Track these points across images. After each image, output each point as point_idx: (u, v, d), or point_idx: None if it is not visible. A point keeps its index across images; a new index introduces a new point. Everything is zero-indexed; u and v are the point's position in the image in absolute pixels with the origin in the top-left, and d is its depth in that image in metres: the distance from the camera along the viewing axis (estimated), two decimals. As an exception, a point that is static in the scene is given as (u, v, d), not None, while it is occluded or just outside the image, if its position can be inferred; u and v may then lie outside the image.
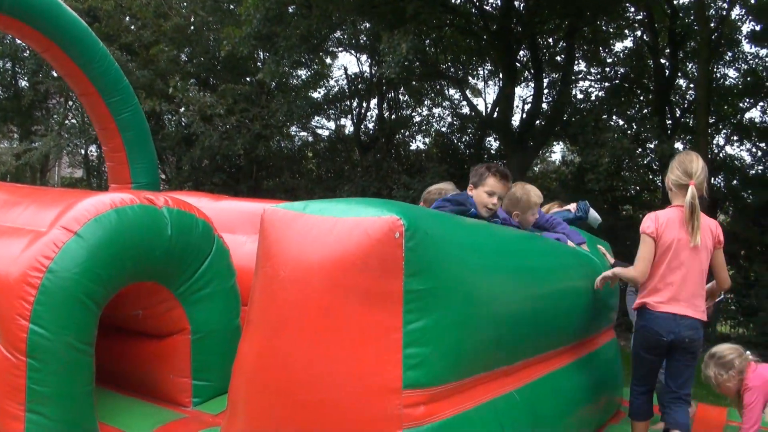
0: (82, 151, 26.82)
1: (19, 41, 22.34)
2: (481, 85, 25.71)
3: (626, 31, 22.17)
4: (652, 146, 19.02)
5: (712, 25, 18.85)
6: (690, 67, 21.19)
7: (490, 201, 5.09)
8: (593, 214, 7.10)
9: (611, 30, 21.97)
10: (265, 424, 3.23)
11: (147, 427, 4.99)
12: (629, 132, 19.47)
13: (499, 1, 20.35)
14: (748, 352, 5.54)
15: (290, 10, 19.00)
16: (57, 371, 4.53)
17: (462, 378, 3.39)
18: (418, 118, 25.84)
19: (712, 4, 19.55)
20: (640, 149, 19.47)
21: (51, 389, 4.52)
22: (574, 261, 5.40)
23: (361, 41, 22.22)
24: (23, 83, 26.50)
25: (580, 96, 22.39)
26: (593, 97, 22.04)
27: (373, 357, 3.03)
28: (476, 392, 3.56)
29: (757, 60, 20.57)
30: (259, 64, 22.46)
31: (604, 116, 20.14)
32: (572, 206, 7.05)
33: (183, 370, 5.60)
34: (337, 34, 22.02)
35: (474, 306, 3.44)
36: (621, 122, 20.86)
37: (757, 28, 19.32)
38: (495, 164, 5.61)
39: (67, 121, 25.23)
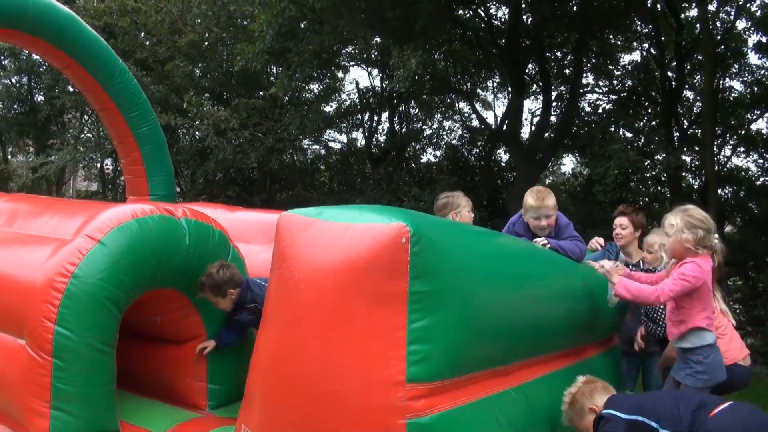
0: (98, 165, 26.96)
1: (35, 57, 22.62)
2: (490, 97, 25.91)
3: (634, 44, 22.33)
4: (660, 158, 19.17)
5: (718, 37, 19.04)
6: (696, 79, 21.27)
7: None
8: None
9: (618, 43, 22.13)
10: (278, 414, 3.44)
11: (165, 425, 5.20)
12: (636, 144, 19.62)
13: (506, 16, 20.56)
14: None
15: (302, 26, 19.25)
16: (80, 371, 4.74)
17: (461, 374, 3.59)
18: (428, 131, 25.95)
19: (718, 17, 19.73)
20: (648, 161, 19.62)
21: (75, 388, 4.73)
22: (568, 270, 5.55)
23: (372, 56, 22.38)
24: (39, 98, 26.68)
25: (588, 108, 22.57)
26: (600, 110, 22.24)
27: (379, 353, 3.25)
28: (474, 388, 3.75)
29: (763, 71, 20.71)
30: (272, 78, 22.65)
31: (612, 128, 20.30)
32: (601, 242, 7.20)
33: (200, 374, 5.77)
34: (349, 48, 22.21)
35: (474, 308, 3.64)
36: (629, 134, 20.99)
37: (764, 39, 19.50)
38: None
39: (82, 135, 25.37)
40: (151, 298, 5.43)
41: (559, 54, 22.66)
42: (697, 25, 18.91)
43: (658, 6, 19.39)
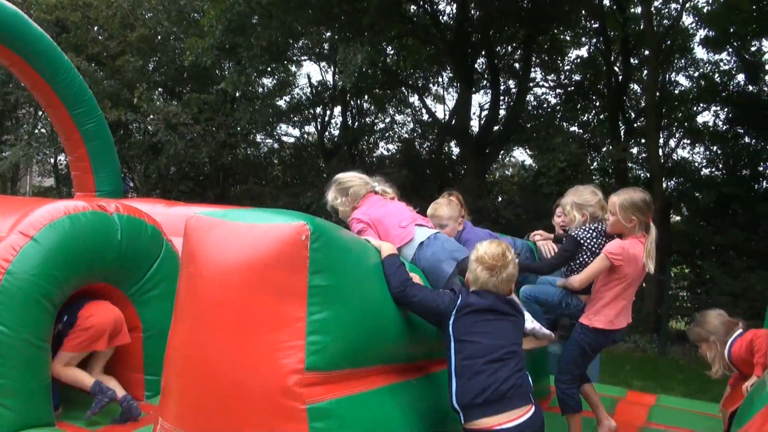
0: (52, 160, 26.95)
1: (-13, 52, 22.44)
2: (442, 92, 26.17)
3: (582, 40, 22.69)
4: (604, 150, 19.56)
5: (663, 32, 19.46)
6: (643, 73, 21.70)
7: None
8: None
9: (567, 39, 22.50)
10: (191, 406, 3.64)
11: (103, 422, 5.41)
12: (584, 137, 20.00)
13: (454, 11, 20.84)
14: None
15: (253, 21, 19.36)
16: (17, 365, 4.90)
17: (358, 366, 3.80)
18: (381, 125, 26.23)
19: (664, 12, 20.17)
20: (595, 153, 20.02)
21: (11, 382, 4.89)
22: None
23: (324, 50, 22.52)
24: (-8, 94, 26.58)
25: (535, 103, 22.94)
26: (545, 105, 22.64)
27: (280, 343, 3.43)
28: (376, 379, 3.96)
29: (709, 65, 21.17)
30: (225, 73, 22.67)
31: (557, 122, 20.69)
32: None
33: (136, 366, 6.00)
34: (300, 43, 22.38)
35: (368, 303, 3.85)
36: (575, 128, 21.38)
37: (711, 34, 19.96)
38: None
39: (36, 131, 25.31)
40: (85, 293, 5.60)
41: (509, 48, 22.97)
42: (641, 21, 19.31)
43: (606, 2, 19.75)
